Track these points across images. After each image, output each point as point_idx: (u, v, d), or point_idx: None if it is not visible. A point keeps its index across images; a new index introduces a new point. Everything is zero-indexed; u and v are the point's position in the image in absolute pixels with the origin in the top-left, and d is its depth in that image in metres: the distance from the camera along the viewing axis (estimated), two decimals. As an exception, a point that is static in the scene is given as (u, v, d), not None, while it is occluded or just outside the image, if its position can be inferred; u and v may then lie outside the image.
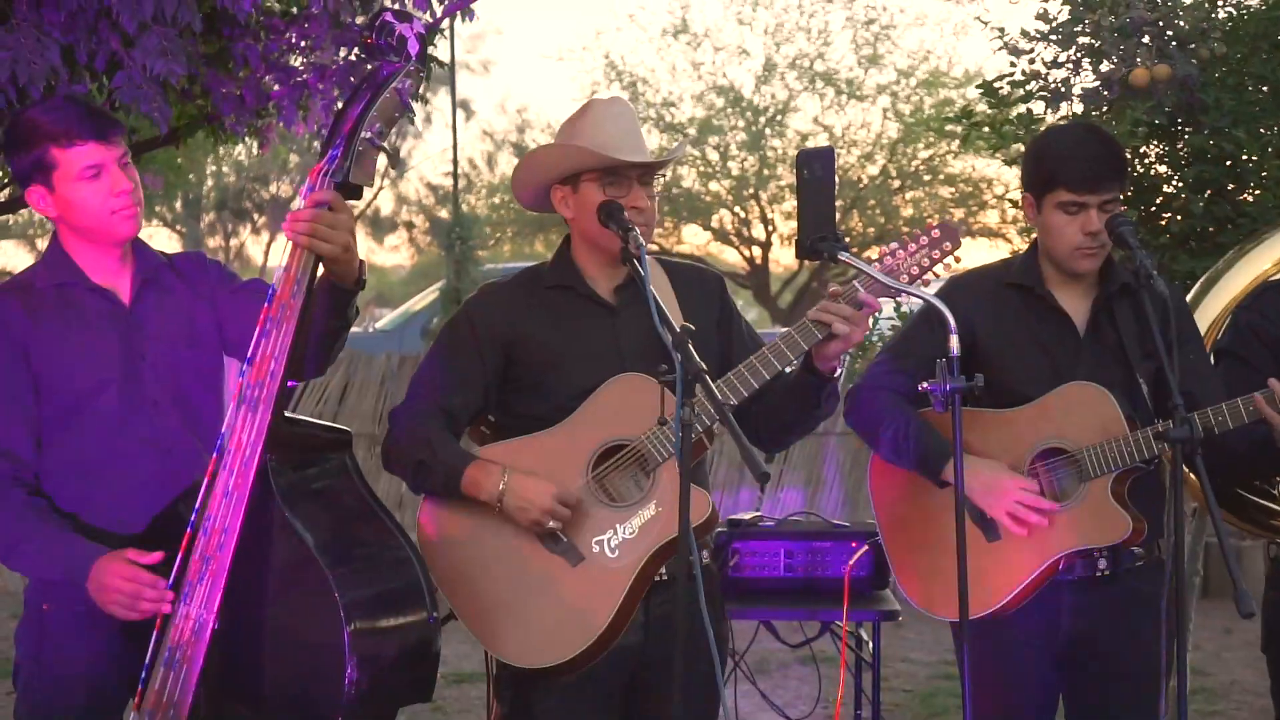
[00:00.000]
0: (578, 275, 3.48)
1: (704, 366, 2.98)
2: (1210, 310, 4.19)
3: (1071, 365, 3.57)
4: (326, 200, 3.01)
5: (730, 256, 27.97)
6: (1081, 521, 3.49)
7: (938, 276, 3.36)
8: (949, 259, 3.36)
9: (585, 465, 3.33)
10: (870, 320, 3.33)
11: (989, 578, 3.49)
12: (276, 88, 5.41)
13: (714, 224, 27.28)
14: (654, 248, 3.28)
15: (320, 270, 3.09)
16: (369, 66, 3.20)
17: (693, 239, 27.54)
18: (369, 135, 3.04)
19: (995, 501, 3.47)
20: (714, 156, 26.13)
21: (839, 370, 3.37)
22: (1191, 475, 3.50)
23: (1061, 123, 5.49)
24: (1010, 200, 13.07)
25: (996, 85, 6.04)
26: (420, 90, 3.12)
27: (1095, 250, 3.51)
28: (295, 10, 5.65)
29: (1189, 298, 4.21)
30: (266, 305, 3.05)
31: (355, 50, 5.44)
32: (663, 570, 3.35)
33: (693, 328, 3.05)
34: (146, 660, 3.07)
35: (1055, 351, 3.60)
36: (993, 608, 3.50)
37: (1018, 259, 3.76)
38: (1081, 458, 3.49)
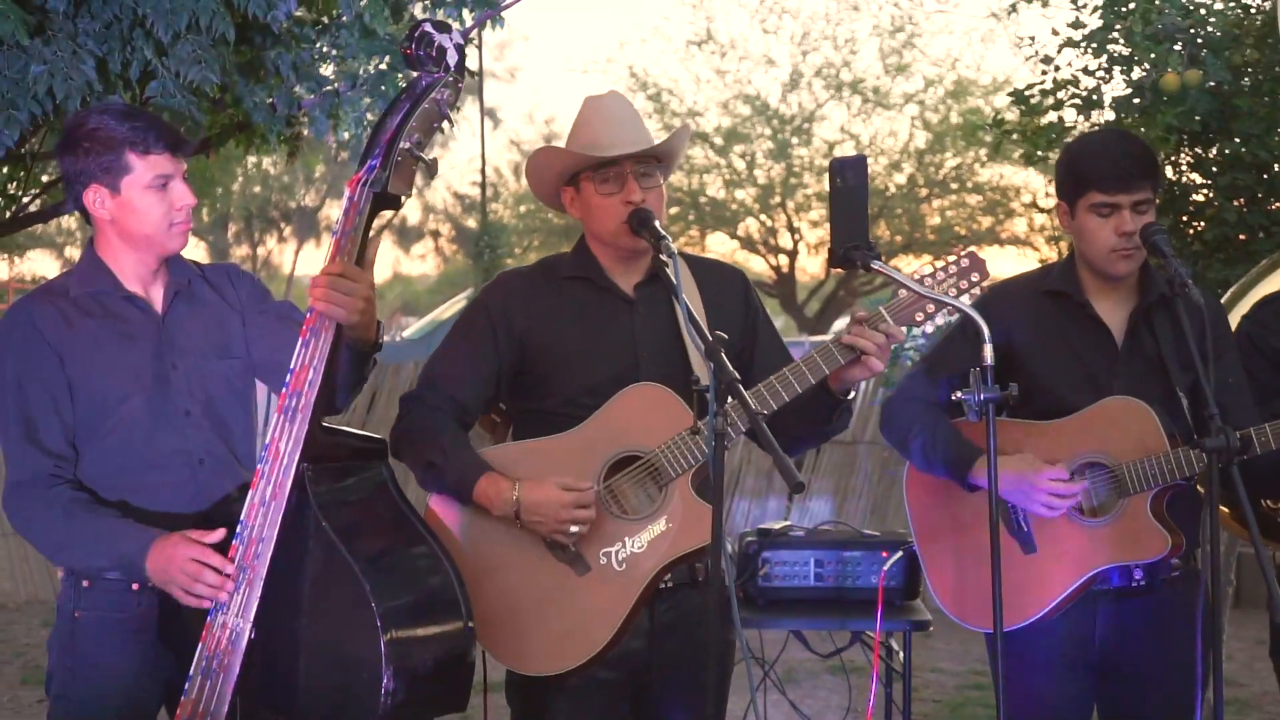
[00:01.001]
0: (597, 268, 3.46)
1: (737, 376, 2.98)
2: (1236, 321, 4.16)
3: (1109, 376, 3.55)
4: (339, 271, 3.01)
5: (757, 265, 27.98)
6: (1119, 537, 3.47)
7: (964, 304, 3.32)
8: (975, 289, 3.35)
9: (597, 474, 3.31)
10: (905, 335, 3.32)
11: (1024, 590, 3.48)
12: (308, 96, 5.44)
13: (740, 232, 27.29)
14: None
15: None
16: (399, 76, 3.20)
17: (719, 247, 27.55)
18: (408, 145, 3.04)
19: (1026, 495, 3.46)
20: (740, 165, 26.13)
21: (853, 393, 3.36)
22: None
23: (1095, 129, 5.47)
24: (1038, 208, 13.07)
25: (1028, 93, 6.03)
26: (455, 102, 3.12)
27: (1131, 251, 3.50)
28: (326, 20, 5.68)
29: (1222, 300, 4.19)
30: (307, 314, 3.06)
31: (386, 59, 5.47)
32: (668, 577, 3.34)
33: (725, 336, 3.04)
34: (190, 670, 3.08)
35: (1092, 361, 3.58)
36: (1027, 621, 3.49)
37: (1056, 266, 3.74)
38: (1121, 474, 3.47)
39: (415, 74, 3.11)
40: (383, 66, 5.58)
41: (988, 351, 3.03)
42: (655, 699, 3.42)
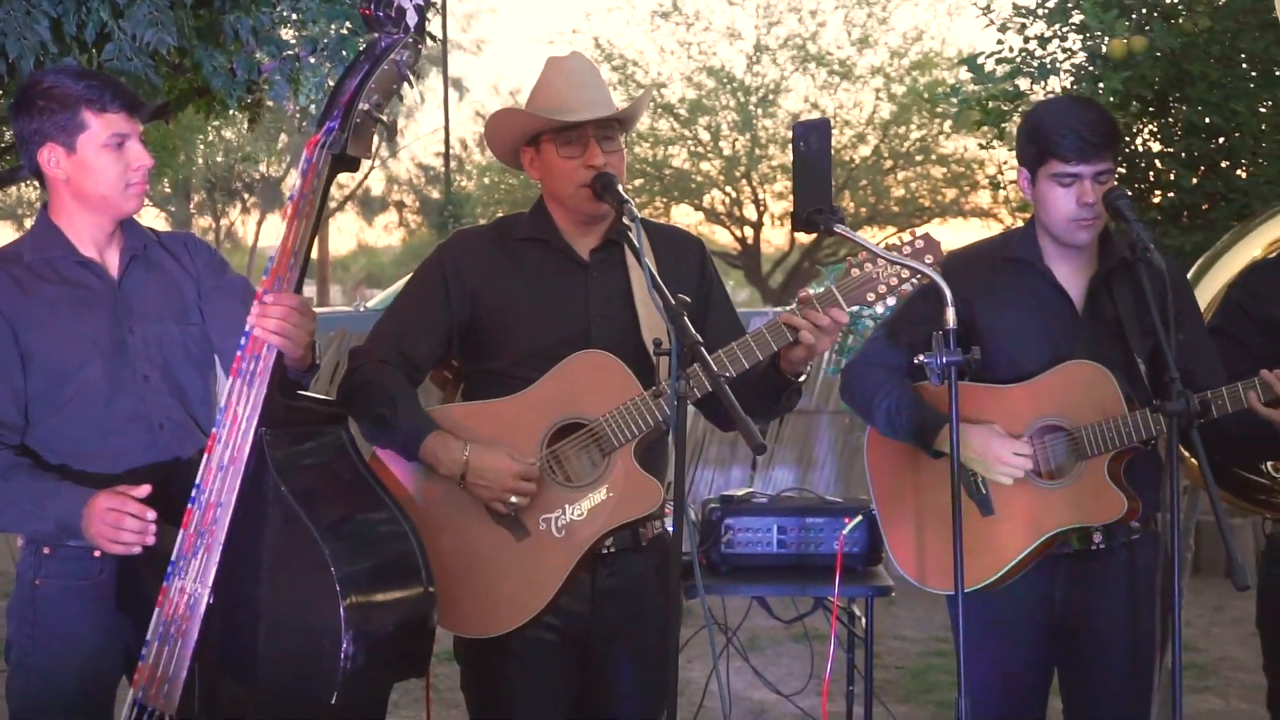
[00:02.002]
0: (554, 230, 3.46)
1: (699, 339, 2.97)
2: (1209, 289, 4.17)
3: (1069, 342, 3.55)
4: (295, 304, 2.99)
5: (722, 237, 28.01)
6: (1077, 499, 3.48)
7: (915, 288, 3.31)
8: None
9: (541, 439, 3.31)
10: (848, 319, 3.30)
11: (983, 553, 3.49)
12: (268, 61, 5.38)
13: (705, 204, 27.30)
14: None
15: (313, 247, 3.07)
16: (361, 41, 3.17)
17: (683, 219, 27.57)
18: (366, 107, 3.02)
19: (989, 465, 3.47)
20: (705, 136, 26.14)
21: (803, 375, 3.37)
22: (1187, 454, 3.51)
23: (1053, 96, 5.46)
24: (995, 182, 13.08)
25: (981, 62, 6.02)
26: (415, 64, 3.10)
27: (1091, 221, 3.50)
28: (287, -17, 5.62)
29: (1190, 275, 4.19)
30: (264, 276, 3.04)
31: (347, 24, 5.41)
32: (610, 541, 3.35)
33: (688, 299, 3.03)
34: (148, 636, 3.06)
35: (1052, 328, 3.58)
36: (985, 582, 3.51)
37: (1016, 233, 3.74)
38: (1079, 436, 3.48)
39: (374, 35, 3.09)
40: (344, 31, 5.53)
41: (950, 315, 3.03)
42: (600, 662, 3.43)
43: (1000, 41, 6.05)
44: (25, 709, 3.25)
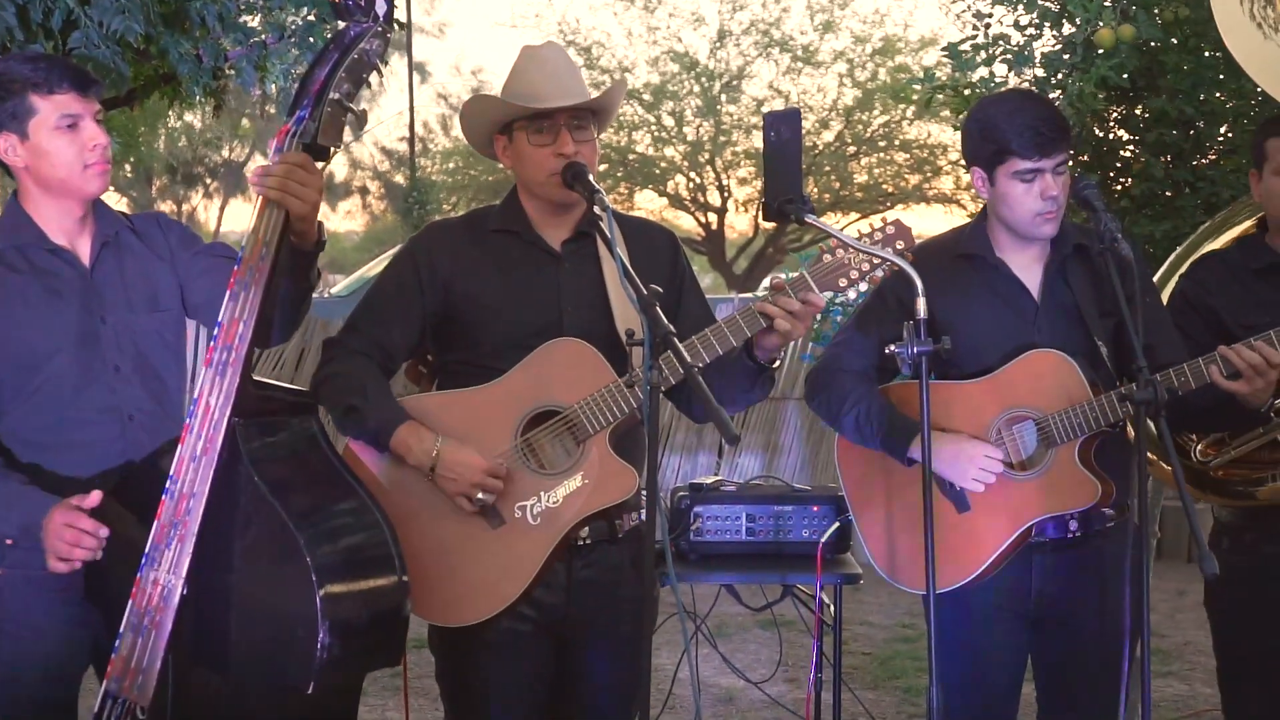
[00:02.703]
0: (525, 221, 3.47)
1: (672, 329, 2.98)
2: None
3: (1030, 332, 3.56)
4: (299, 161, 2.98)
5: (686, 222, 28.02)
6: (1051, 488, 3.49)
7: (886, 275, 3.32)
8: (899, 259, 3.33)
9: (515, 427, 3.32)
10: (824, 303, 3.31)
11: (961, 550, 3.50)
12: (234, 48, 5.35)
13: (669, 189, 27.32)
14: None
15: (285, 236, 3.06)
16: (328, 27, 3.16)
17: (647, 204, 27.59)
18: (337, 96, 3.01)
19: (962, 471, 3.49)
20: (669, 122, 26.14)
21: (776, 361, 3.37)
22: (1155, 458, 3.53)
23: (1000, 91, 5.45)
24: (963, 166, 13.17)
25: (960, 48, 6.02)
26: (384, 53, 3.10)
27: (1055, 214, 3.51)
28: (252, -30, 5.58)
29: (1162, 270, 4.20)
30: (235, 268, 3.03)
31: (314, 11, 5.39)
32: (585, 532, 3.36)
33: (660, 290, 3.04)
34: (120, 627, 3.04)
35: (1013, 319, 3.58)
36: (964, 580, 3.51)
37: (965, 230, 3.73)
38: (1047, 425, 3.50)
39: (343, 24, 3.08)
40: (310, 17, 5.51)
41: (920, 304, 3.04)
42: (577, 654, 3.44)
43: (976, 28, 6.05)
44: (-12, 700, 3.24)
